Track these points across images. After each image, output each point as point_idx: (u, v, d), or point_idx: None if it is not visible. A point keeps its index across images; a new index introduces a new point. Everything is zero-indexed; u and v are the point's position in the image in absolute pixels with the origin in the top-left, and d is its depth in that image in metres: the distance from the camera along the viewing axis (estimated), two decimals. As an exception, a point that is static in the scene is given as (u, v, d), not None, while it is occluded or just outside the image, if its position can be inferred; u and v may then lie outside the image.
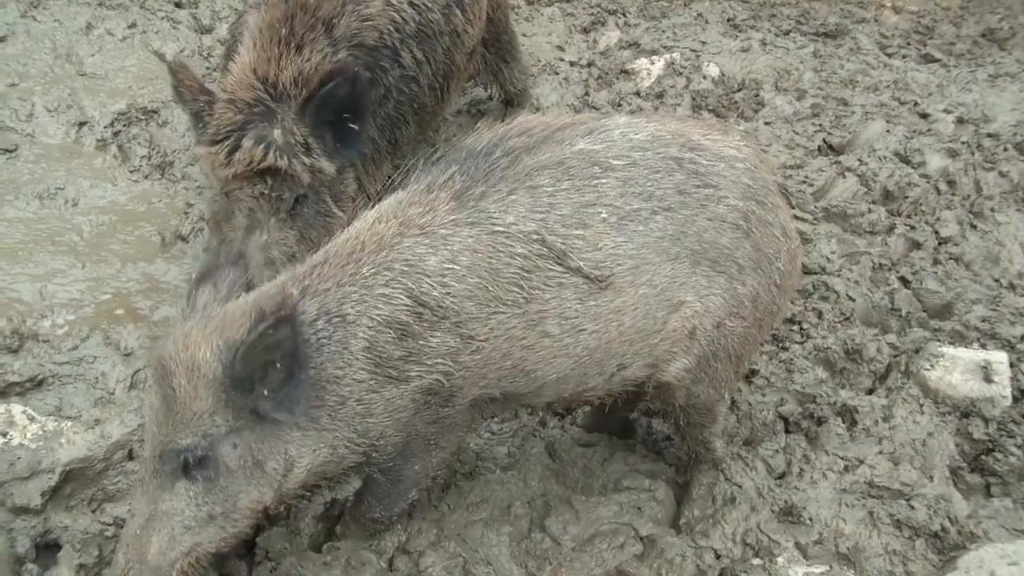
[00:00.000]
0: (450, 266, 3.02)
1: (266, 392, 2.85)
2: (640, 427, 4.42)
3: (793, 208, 5.64)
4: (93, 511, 3.82)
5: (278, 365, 2.81)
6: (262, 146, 4.07)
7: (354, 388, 3.05)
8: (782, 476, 4.09)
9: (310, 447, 3.06)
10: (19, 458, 3.77)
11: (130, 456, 3.95)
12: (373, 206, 3.27)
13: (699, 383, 3.58)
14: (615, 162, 3.17)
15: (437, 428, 3.33)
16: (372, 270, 3.01)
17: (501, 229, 3.05)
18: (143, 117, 6.10)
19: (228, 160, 4.12)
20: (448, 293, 3.02)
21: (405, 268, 3.01)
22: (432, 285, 3.01)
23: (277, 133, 4.12)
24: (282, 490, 3.08)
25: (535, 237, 3.05)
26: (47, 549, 3.69)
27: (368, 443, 3.19)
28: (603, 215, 3.11)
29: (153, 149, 5.86)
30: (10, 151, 5.64)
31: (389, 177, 4.97)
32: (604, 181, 3.14)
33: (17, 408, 4.01)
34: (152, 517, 2.92)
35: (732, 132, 3.70)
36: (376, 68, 4.58)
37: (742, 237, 3.31)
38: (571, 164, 3.14)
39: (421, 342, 3.06)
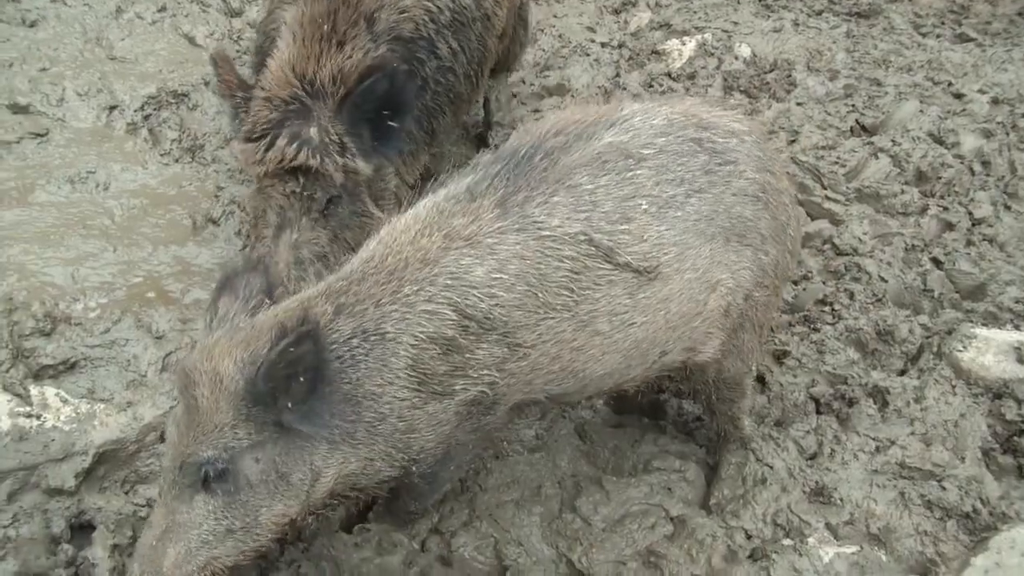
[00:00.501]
0: (498, 275, 2.97)
1: (290, 404, 2.80)
2: (671, 408, 4.41)
3: (825, 189, 5.61)
4: (126, 492, 3.87)
5: (301, 379, 2.77)
6: (295, 144, 4.00)
7: (395, 405, 3.00)
8: (813, 457, 4.07)
9: (338, 459, 3.01)
10: (53, 440, 3.82)
11: (162, 438, 3.97)
12: (408, 210, 3.21)
13: (728, 356, 3.60)
14: (645, 151, 3.16)
15: (477, 436, 3.31)
16: (415, 288, 2.96)
17: (548, 233, 3.01)
18: (173, 101, 6.14)
19: (262, 158, 4.06)
20: (496, 304, 2.98)
21: (450, 282, 2.96)
22: (480, 297, 2.96)
23: (313, 131, 4.05)
24: (309, 502, 3.04)
25: (582, 237, 3.03)
26: (81, 530, 3.74)
27: (408, 458, 3.15)
28: (644, 206, 3.11)
29: (183, 132, 5.89)
30: (41, 135, 5.68)
31: (426, 167, 4.99)
32: (639, 172, 3.13)
33: (51, 391, 4.05)
34: (169, 529, 2.86)
35: (730, 108, 3.68)
36: (413, 60, 4.49)
37: (762, 208, 3.35)
38: (605, 159, 3.12)
39: (467, 355, 3.02)
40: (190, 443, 2.79)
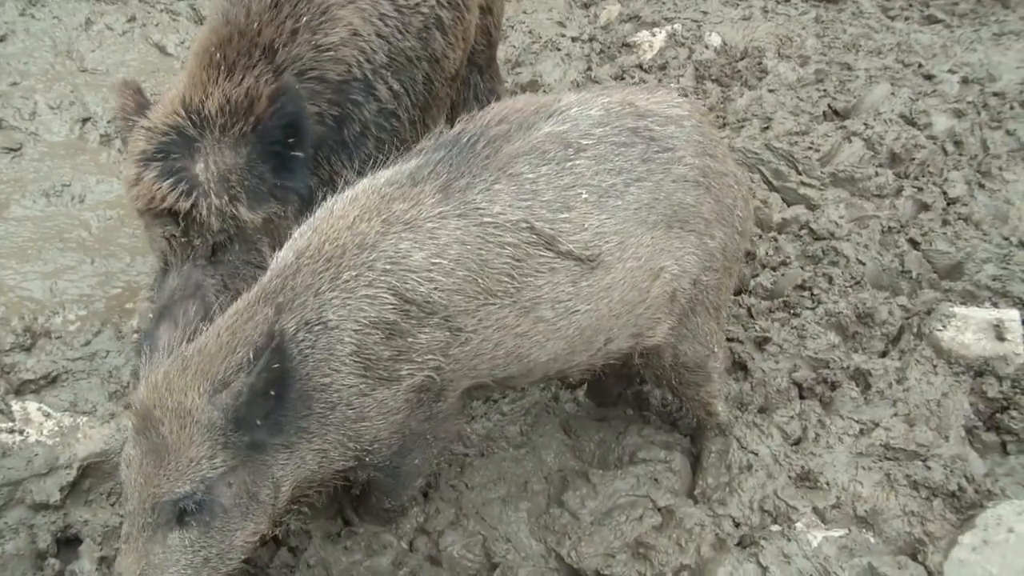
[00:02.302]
0: (438, 260, 2.97)
1: (259, 422, 2.76)
2: (654, 399, 4.42)
3: (800, 174, 5.62)
4: (112, 504, 3.85)
5: (272, 392, 2.74)
6: (166, 183, 3.60)
7: (343, 393, 2.98)
8: (798, 442, 4.09)
9: (295, 461, 2.99)
10: (36, 455, 3.80)
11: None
12: (345, 192, 3.17)
13: (684, 340, 3.62)
14: (583, 141, 3.18)
15: (431, 424, 3.30)
16: (354, 273, 2.93)
17: (489, 219, 3.01)
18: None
19: (131, 193, 3.71)
20: (436, 288, 2.97)
21: (389, 266, 2.93)
22: (419, 281, 2.95)
23: (198, 167, 3.63)
24: (275, 513, 3.02)
25: (524, 225, 3.04)
26: (68, 544, 3.73)
27: (360, 447, 3.13)
28: (584, 195, 3.12)
29: (157, 142, 5.85)
30: (15, 150, 5.67)
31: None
32: (578, 162, 3.15)
33: (32, 405, 4.04)
34: (144, 574, 2.77)
35: (670, 91, 3.68)
36: (347, 103, 4.08)
37: (704, 193, 3.36)
38: (544, 148, 3.13)
39: (410, 339, 3.00)
40: (162, 482, 2.72)
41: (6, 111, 5.99)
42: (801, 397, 4.36)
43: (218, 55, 3.81)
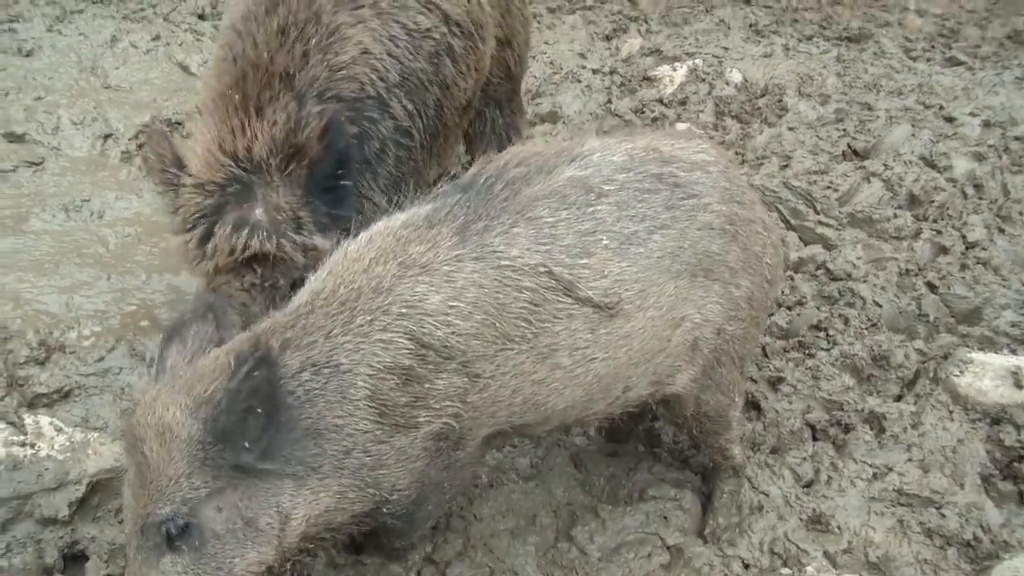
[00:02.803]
0: (455, 304, 2.89)
1: (247, 444, 2.64)
2: (666, 436, 4.40)
3: (818, 214, 5.61)
4: (120, 522, 3.83)
5: (259, 410, 2.62)
6: (244, 231, 3.60)
7: (358, 438, 2.88)
8: (810, 484, 4.06)
9: (308, 496, 2.87)
10: (47, 469, 3.79)
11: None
12: (360, 235, 3.11)
13: (707, 391, 3.56)
14: (606, 187, 3.13)
15: (450, 473, 3.23)
16: (368, 318, 2.85)
17: (507, 263, 2.95)
18: (167, 129, 6.13)
19: (202, 252, 3.66)
20: (453, 332, 2.89)
21: (405, 310, 2.86)
22: (436, 325, 2.87)
23: (259, 212, 3.64)
24: (283, 546, 2.89)
25: (542, 269, 2.97)
26: (75, 560, 3.71)
27: (380, 495, 3.05)
28: (604, 241, 3.06)
29: (177, 161, 5.89)
30: (37, 164, 5.70)
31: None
32: (600, 208, 3.09)
33: (44, 419, 4.03)
34: None
35: (695, 138, 3.65)
36: (363, 120, 4.05)
37: (730, 241, 3.30)
38: (565, 193, 3.08)
39: (427, 385, 2.92)
40: (147, 503, 2.65)
41: (30, 125, 6.03)
42: (814, 439, 4.32)
43: (238, 95, 3.77)
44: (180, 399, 2.65)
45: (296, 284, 3.57)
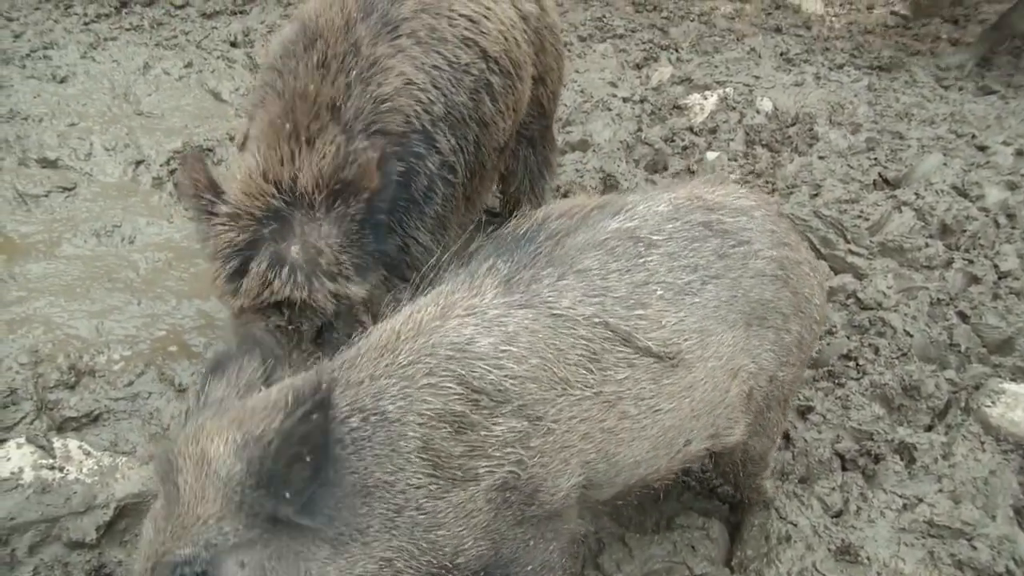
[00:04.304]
0: (507, 348, 2.73)
1: (288, 494, 2.36)
2: (695, 465, 4.37)
3: (848, 243, 5.58)
4: (147, 547, 3.85)
5: (307, 459, 2.37)
6: (276, 273, 3.41)
7: (411, 495, 2.62)
8: (839, 514, 4.02)
9: (344, 564, 2.56)
10: (75, 492, 3.81)
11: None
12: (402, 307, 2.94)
13: (754, 436, 3.50)
14: (655, 237, 3.06)
15: (529, 530, 2.95)
16: (410, 358, 2.67)
17: (559, 312, 2.82)
18: (208, 152, 6.20)
19: (232, 288, 3.49)
20: (507, 376, 2.71)
21: (451, 352, 2.68)
22: (487, 368, 2.69)
23: (295, 251, 3.43)
24: None
25: (597, 320, 2.86)
26: (101, 584, 3.72)
27: (441, 559, 2.77)
28: (659, 292, 2.98)
29: (209, 187, 5.93)
30: (69, 189, 5.75)
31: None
32: (650, 258, 3.01)
33: (74, 443, 4.05)
34: None
35: (733, 183, 3.58)
36: (410, 156, 3.87)
37: (782, 286, 3.25)
38: (612, 245, 3.00)
39: (483, 433, 2.69)
40: (166, 539, 2.35)
41: (63, 151, 6.09)
42: (844, 469, 4.29)
43: (288, 124, 3.62)
44: (227, 432, 2.39)
45: (324, 328, 3.56)
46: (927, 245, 5.49)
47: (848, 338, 4.93)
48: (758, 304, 3.18)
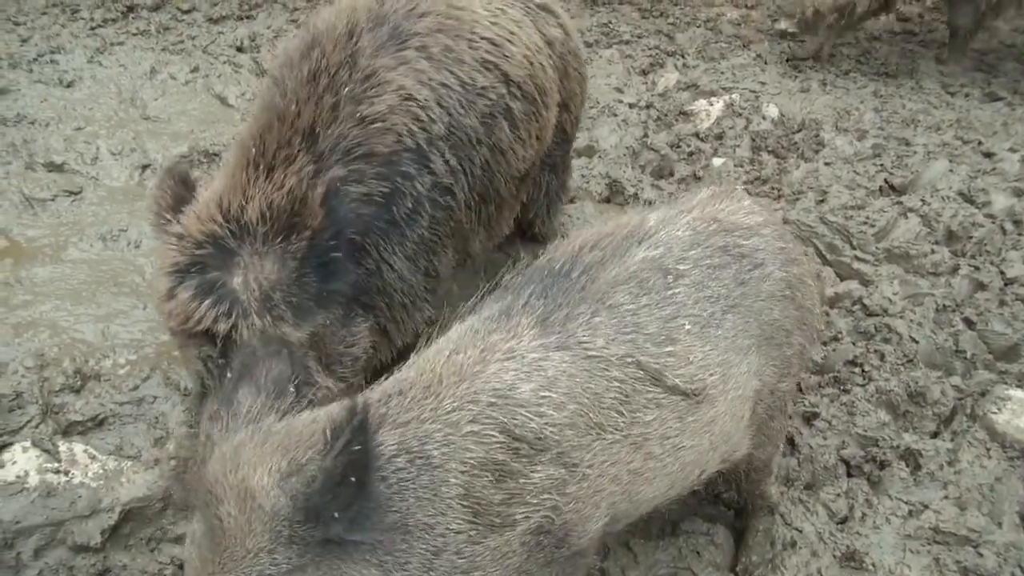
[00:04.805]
0: (547, 394, 2.71)
1: (337, 513, 2.32)
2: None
3: (854, 249, 5.58)
4: (151, 550, 3.85)
5: (352, 479, 2.32)
6: (203, 303, 3.24)
7: (450, 539, 2.59)
8: (844, 521, 4.01)
9: None
10: (80, 496, 3.81)
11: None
12: (436, 337, 2.90)
13: (759, 447, 3.50)
14: (680, 267, 3.07)
15: (555, 568, 2.94)
16: (455, 404, 2.62)
17: (595, 353, 2.81)
18: (205, 160, 6.21)
19: (163, 308, 3.35)
20: (547, 423, 2.69)
21: (494, 400, 2.65)
22: (528, 416, 2.67)
23: (237, 283, 3.26)
24: None
25: (629, 360, 2.86)
26: (106, 588, 3.72)
27: None
28: (687, 326, 2.99)
29: (215, 191, 5.95)
30: (75, 193, 5.76)
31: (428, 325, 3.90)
32: (677, 290, 3.02)
33: (79, 447, 4.06)
34: None
35: (739, 193, 3.56)
36: (396, 177, 3.68)
37: (789, 304, 3.27)
38: (643, 277, 2.99)
39: (522, 480, 2.68)
40: (216, 570, 2.33)
41: (69, 155, 6.11)
42: (849, 475, 4.28)
43: (255, 149, 3.48)
44: (269, 462, 2.35)
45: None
46: (933, 251, 5.48)
47: (854, 344, 4.92)
48: (767, 325, 3.20)
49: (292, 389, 2.63)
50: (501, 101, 4.12)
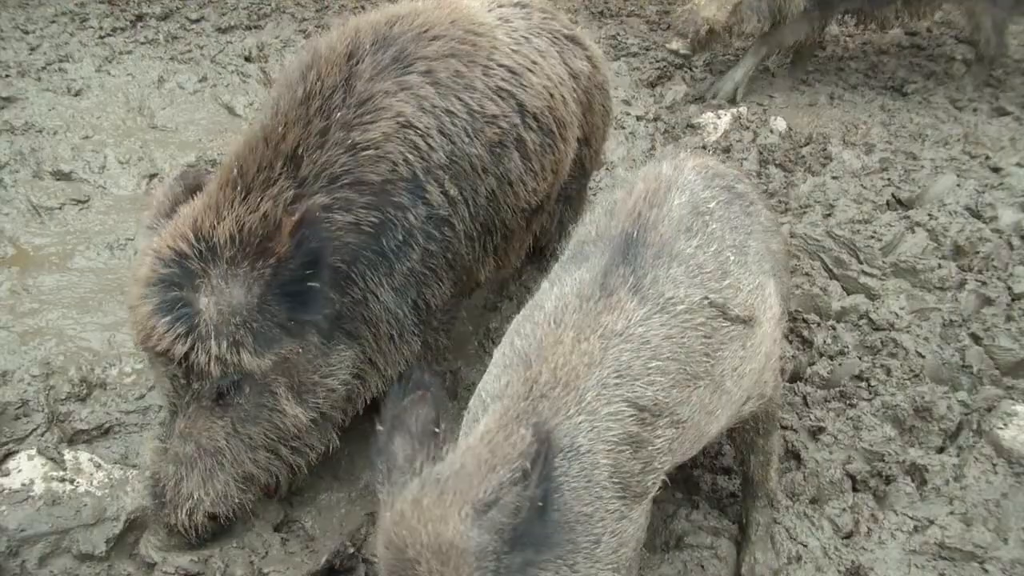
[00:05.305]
0: (657, 363, 2.90)
1: (531, 538, 2.45)
2: (704, 484, 4.36)
3: (861, 263, 5.57)
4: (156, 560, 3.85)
5: (540, 503, 2.41)
6: (161, 321, 3.23)
7: (608, 522, 2.76)
8: (849, 536, 4.00)
9: None
10: (85, 505, 3.82)
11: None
12: (532, 314, 3.05)
13: (775, 388, 3.67)
14: (708, 205, 3.26)
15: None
16: (595, 393, 2.79)
17: (683, 307, 2.99)
18: (212, 169, 6.19)
19: (131, 318, 3.39)
20: (659, 389, 2.89)
21: (618, 380, 2.83)
22: (644, 386, 2.86)
23: (200, 305, 3.24)
24: None
25: (705, 302, 3.04)
26: (111, 596, 3.72)
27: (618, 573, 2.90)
28: (731, 257, 3.20)
29: (222, 201, 5.95)
30: (82, 202, 5.78)
31: (427, 358, 4.13)
32: (713, 226, 3.21)
33: (84, 455, 4.07)
34: None
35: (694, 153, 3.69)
36: (388, 207, 3.61)
37: (779, 239, 3.56)
38: (686, 221, 3.16)
39: (650, 447, 2.89)
40: None
41: (77, 164, 6.12)
42: (855, 490, 4.27)
43: (236, 170, 3.45)
44: (456, 508, 2.39)
45: (222, 392, 3.39)
46: (940, 266, 5.47)
47: (860, 359, 4.91)
48: (772, 254, 3.51)
49: (437, 431, 2.66)
50: (513, 131, 4.05)
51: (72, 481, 3.93)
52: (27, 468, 3.92)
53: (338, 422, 3.84)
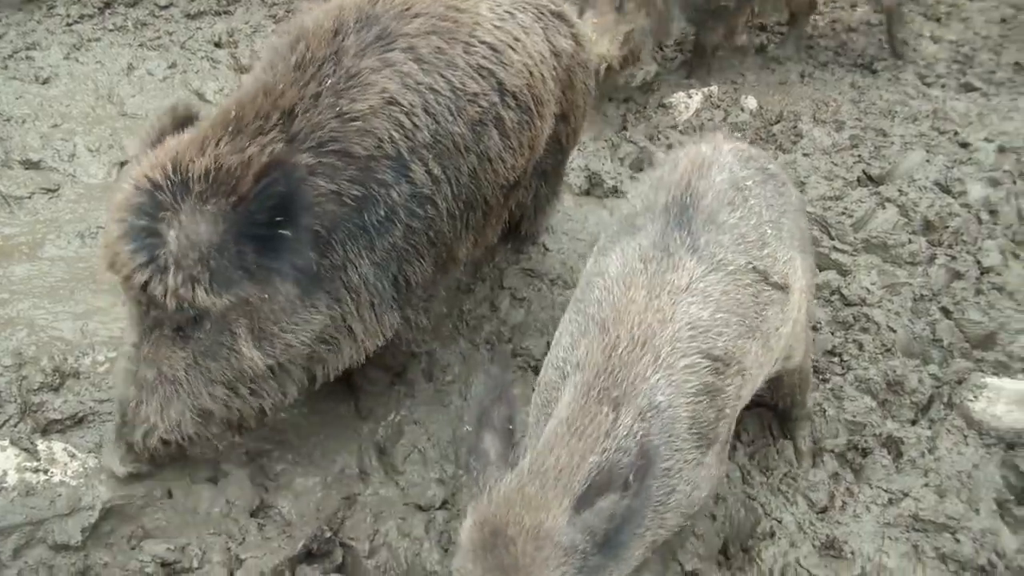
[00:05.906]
0: (721, 315, 3.06)
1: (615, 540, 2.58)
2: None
3: (832, 239, 5.60)
4: (132, 548, 3.82)
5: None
6: (126, 248, 3.24)
7: (684, 471, 2.94)
8: (824, 510, 4.03)
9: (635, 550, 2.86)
10: (60, 495, 3.79)
11: (169, 494, 3.95)
12: (597, 281, 3.20)
13: (806, 355, 3.95)
14: (747, 183, 3.42)
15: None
16: (670, 348, 2.92)
17: (733, 268, 3.16)
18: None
19: (101, 241, 3.41)
20: (727, 339, 3.05)
21: (691, 332, 2.98)
22: (714, 337, 3.02)
23: (165, 236, 3.22)
24: None
25: (750, 267, 3.22)
26: (87, 586, 3.70)
27: (688, 517, 3.14)
28: (769, 231, 3.37)
29: (193, 187, 5.90)
30: (52, 191, 5.72)
31: (408, 336, 4.20)
32: (752, 202, 3.38)
33: (58, 445, 4.03)
34: None
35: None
36: (372, 183, 3.60)
37: (806, 218, 3.82)
38: (729, 195, 3.33)
39: (723, 395, 3.06)
40: None
41: (46, 152, 6.06)
42: (831, 463, 4.30)
43: (234, 112, 3.45)
44: (559, 500, 2.54)
45: (182, 325, 3.39)
46: (910, 241, 5.51)
47: (832, 334, 4.95)
48: (800, 231, 3.68)
49: (512, 427, 2.75)
50: (492, 109, 4.01)
51: (46, 471, 3.90)
52: (0, 459, 3.89)
53: (299, 379, 3.80)
